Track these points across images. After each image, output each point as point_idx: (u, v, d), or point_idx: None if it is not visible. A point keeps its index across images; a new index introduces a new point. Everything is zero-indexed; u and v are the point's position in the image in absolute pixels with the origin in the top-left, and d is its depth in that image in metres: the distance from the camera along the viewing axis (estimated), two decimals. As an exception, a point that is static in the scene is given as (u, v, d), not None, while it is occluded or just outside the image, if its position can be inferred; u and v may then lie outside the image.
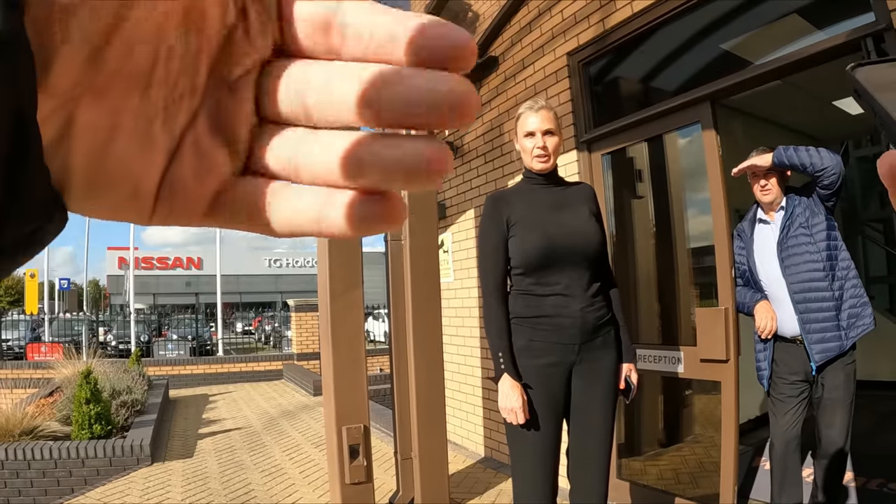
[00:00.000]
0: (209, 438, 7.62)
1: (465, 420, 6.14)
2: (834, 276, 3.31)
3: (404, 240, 4.37)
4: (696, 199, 4.20)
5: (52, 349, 16.07)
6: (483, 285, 2.72)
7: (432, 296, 4.45)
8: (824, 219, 3.34)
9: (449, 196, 6.26)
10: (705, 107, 3.69)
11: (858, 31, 2.83)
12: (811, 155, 3.22)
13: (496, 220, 2.67)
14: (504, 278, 2.67)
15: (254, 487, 5.36)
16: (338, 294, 4.04)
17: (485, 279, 2.70)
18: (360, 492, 4.06)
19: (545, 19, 4.82)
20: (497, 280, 2.65)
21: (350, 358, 4.07)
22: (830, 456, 3.34)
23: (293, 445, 7.03)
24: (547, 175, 2.68)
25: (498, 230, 2.65)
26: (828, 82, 5.15)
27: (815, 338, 3.29)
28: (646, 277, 4.57)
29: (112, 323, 24.10)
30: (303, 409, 9.65)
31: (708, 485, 3.92)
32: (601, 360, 2.63)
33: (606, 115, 4.46)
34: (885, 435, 4.85)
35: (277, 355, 15.23)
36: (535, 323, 2.59)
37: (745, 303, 3.59)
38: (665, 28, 3.99)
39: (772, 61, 3.37)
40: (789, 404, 3.44)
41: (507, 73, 5.32)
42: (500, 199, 2.74)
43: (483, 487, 4.94)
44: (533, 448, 2.57)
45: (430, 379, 4.37)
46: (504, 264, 2.65)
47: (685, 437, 4.66)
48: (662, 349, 4.08)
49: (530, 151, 2.65)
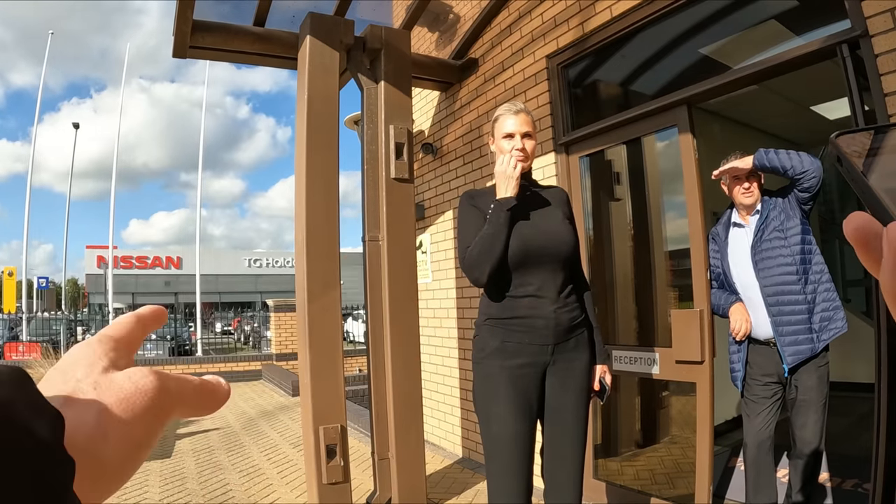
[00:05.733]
0: (187, 439, 7.57)
1: (442, 420, 6.15)
2: (807, 279, 3.34)
3: (382, 240, 4.37)
4: (673, 201, 4.23)
5: (29, 348, 15.91)
6: (460, 255, 2.70)
7: (410, 296, 4.45)
8: (799, 222, 3.37)
9: (427, 197, 6.26)
10: (682, 110, 3.72)
11: (834, 37, 2.87)
12: (791, 158, 3.25)
13: (475, 211, 2.71)
14: None
15: (232, 488, 5.33)
16: (315, 294, 4.04)
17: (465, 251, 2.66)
18: (338, 492, 4.05)
19: (525, 22, 4.84)
20: None
21: (327, 358, 4.07)
22: (804, 456, 3.37)
23: (271, 446, 7.00)
24: (522, 177, 2.69)
25: (478, 218, 2.68)
26: (805, 87, 5.21)
27: (788, 340, 3.32)
28: (622, 279, 4.60)
29: (91, 322, 23.87)
30: (281, 410, 9.62)
31: (684, 485, 3.96)
32: (575, 360, 2.66)
33: (585, 117, 4.49)
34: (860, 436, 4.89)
35: (256, 355, 15.14)
36: (508, 324, 2.61)
37: (720, 305, 3.61)
38: (644, 32, 4.02)
39: (749, 66, 3.41)
40: (762, 405, 3.47)
41: (487, 75, 5.33)
42: (477, 195, 2.78)
43: (460, 487, 4.95)
44: (507, 448, 2.58)
45: (408, 379, 4.37)
46: None
47: (661, 437, 4.70)
48: (638, 350, 4.10)
49: (509, 153, 2.67)
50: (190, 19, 4.16)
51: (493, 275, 2.58)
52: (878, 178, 0.36)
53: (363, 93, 4.53)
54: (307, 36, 4.15)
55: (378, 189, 4.44)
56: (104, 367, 0.38)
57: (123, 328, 0.44)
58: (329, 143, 4.18)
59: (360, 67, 4.51)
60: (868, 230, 0.34)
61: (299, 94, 4.24)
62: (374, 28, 4.48)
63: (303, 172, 4.09)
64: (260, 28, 4.55)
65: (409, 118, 4.59)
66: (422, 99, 6.44)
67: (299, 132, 4.20)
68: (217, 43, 4.45)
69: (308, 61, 4.15)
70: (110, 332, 0.43)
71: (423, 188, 6.31)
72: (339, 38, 4.27)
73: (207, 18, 4.36)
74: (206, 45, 4.43)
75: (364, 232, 4.44)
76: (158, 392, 0.38)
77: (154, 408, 0.38)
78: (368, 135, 4.47)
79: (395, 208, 4.41)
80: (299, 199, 4.14)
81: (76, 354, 0.39)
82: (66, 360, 0.39)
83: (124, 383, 0.37)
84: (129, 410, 0.36)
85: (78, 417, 0.34)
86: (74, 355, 0.39)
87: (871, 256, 0.34)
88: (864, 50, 2.74)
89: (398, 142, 4.43)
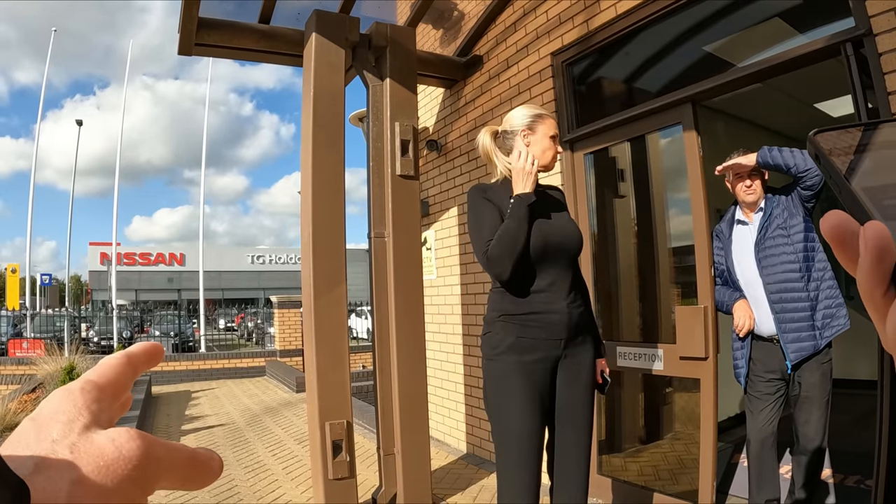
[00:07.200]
0: (192, 435, 7.61)
1: (447, 417, 6.17)
2: (810, 276, 3.35)
3: (388, 237, 4.39)
4: (678, 198, 4.25)
5: (33, 345, 15.92)
6: (479, 248, 2.71)
7: (416, 293, 4.47)
8: (802, 220, 3.38)
9: (432, 194, 6.28)
10: (687, 108, 3.74)
11: (838, 35, 2.88)
12: (795, 156, 3.25)
13: (489, 205, 2.74)
14: None
15: (237, 483, 5.36)
16: (322, 291, 4.06)
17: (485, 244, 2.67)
18: (343, 487, 4.07)
19: (530, 19, 4.85)
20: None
21: (333, 354, 4.08)
22: (807, 453, 3.39)
23: (276, 442, 7.03)
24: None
25: (494, 212, 2.71)
26: (809, 85, 5.21)
27: (791, 337, 3.34)
28: (627, 275, 4.61)
29: (94, 319, 23.93)
30: (285, 406, 9.65)
31: (687, 481, 3.97)
32: (582, 354, 2.71)
33: (589, 115, 4.50)
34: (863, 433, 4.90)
35: (260, 352, 15.15)
36: (524, 320, 2.64)
37: (724, 301, 3.63)
38: (648, 30, 4.03)
39: (753, 64, 3.42)
40: (766, 402, 3.49)
41: (492, 72, 5.35)
42: (489, 189, 2.82)
43: (465, 483, 4.97)
44: (520, 443, 2.61)
45: (413, 375, 4.39)
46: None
47: (665, 433, 4.71)
48: (642, 346, 4.12)
49: (552, 151, 2.78)
50: (195, 17, 4.18)
51: (516, 269, 2.61)
52: (857, 176, 0.37)
53: (369, 90, 4.55)
54: (313, 33, 4.16)
55: (384, 186, 4.45)
56: (84, 425, 0.35)
57: (111, 373, 0.40)
58: (335, 140, 4.20)
59: (365, 65, 4.52)
60: (845, 229, 0.35)
61: (305, 91, 4.26)
62: (380, 25, 4.49)
63: (309, 169, 4.11)
64: (265, 25, 4.57)
65: (414, 115, 4.60)
66: (426, 96, 6.45)
67: (305, 129, 4.22)
68: (222, 40, 4.47)
69: (314, 59, 4.16)
70: (95, 377, 0.39)
71: (427, 185, 6.33)
72: (345, 36, 4.28)
73: (213, 16, 4.38)
74: (212, 42, 4.45)
75: (370, 228, 4.46)
76: (144, 460, 0.34)
77: (138, 478, 0.34)
78: (374, 132, 4.48)
79: (400, 205, 4.43)
80: (306, 195, 4.16)
81: (55, 405, 0.36)
82: (44, 412, 0.35)
83: (106, 447, 0.34)
84: (109, 479, 0.33)
85: (48, 488, 0.30)
86: (53, 406, 0.36)
87: (847, 255, 0.35)
88: (867, 48, 2.75)
89: (404, 139, 4.45)
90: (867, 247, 0.32)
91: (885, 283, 0.33)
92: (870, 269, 0.32)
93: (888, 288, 0.33)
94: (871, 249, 0.32)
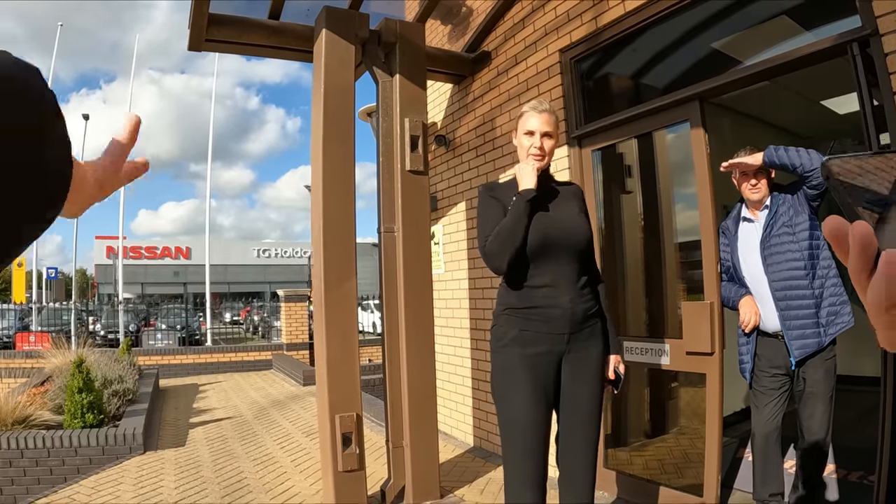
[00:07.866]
0: (200, 428, 7.67)
1: (454, 410, 6.21)
2: (815, 274, 3.38)
3: (397, 232, 4.43)
4: (684, 194, 4.27)
5: (40, 338, 16.01)
6: (480, 244, 2.81)
7: (425, 287, 4.51)
8: (807, 218, 3.40)
9: (440, 189, 6.31)
10: (694, 105, 3.76)
11: (844, 35, 2.90)
12: (801, 155, 3.27)
13: (495, 203, 2.81)
14: None
15: (246, 475, 5.41)
16: (332, 284, 4.10)
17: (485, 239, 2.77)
18: (353, 479, 4.12)
19: (538, 16, 4.88)
20: None
21: (344, 347, 4.13)
22: (811, 448, 3.41)
23: (284, 434, 7.09)
24: (540, 173, 2.77)
25: (498, 209, 2.78)
26: (816, 82, 5.22)
27: (795, 334, 3.37)
28: (634, 271, 4.65)
29: (100, 312, 24.02)
30: (293, 399, 9.71)
31: (692, 475, 4.01)
32: (589, 349, 2.74)
33: (597, 111, 4.53)
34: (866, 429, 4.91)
35: (266, 345, 15.22)
36: (526, 314, 2.69)
37: (730, 297, 3.66)
38: (656, 27, 4.05)
39: (760, 63, 3.44)
40: (770, 397, 3.52)
41: (500, 68, 5.38)
42: (496, 188, 2.90)
43: (472, 476, 5.02)
44: (524, 433, 2.66)
45: (422, 368, 4.44)
46: None
47: (671, 428, 4.74)
48: (649, 341, 4.15)
49: (527, 150, 2.79)
50: (206, 13, 4.22)
51: (513, 263, 2.66)
52: (856, 193, 0.48)
53: (378, 86, 4.59)
54: (323, 29, 4.20)
55: (393, 181, 4.50)
56: (93, 169, 0.69)
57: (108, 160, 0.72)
58: (345, 135, 4.24)
59: (375, 60, 4.56)
60: (841, 230, 0.45)
61: (315, 87, 4.29)
62: (389, 21, 4.52)
63: (320, 164, 4.15)
64: (275, 21, 4.60)
65: (423, 111, 4.64)
66: (434, 91, 6.48)
67: (315, 125, 4.26)
68: (232, 36, 4.51)
69: (324, 55, 4.20)
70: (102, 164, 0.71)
71: (435, 180, 6.36)
72: (355, 32, 4.32)
73: (223, 12, 4.41)
74: (222, 38, 4.49)
75: (379, 223, 4.50)
76: (93, 171, 0.68)
77: (97, 178, 0.68)
78: (384, 128, 4.52)
79: (410, 200, 4.47)
80: (316, 190, 4.20)
81: (88, 164, 0.69)
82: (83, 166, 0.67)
83: (85, 168, 0.66)
84: (90, 174, 0.67)
85: (78, 165, 0.61)
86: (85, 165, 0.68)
87: (843, 251, 0.45)
88: (873, 48, 2.77)
89: (413, 134, 4.48)
90: (855, 240, 0.44)
91: (869, 267, 0.43)
92: (857, 256, 0.44)
93: (871, 272, 0.43)
94: (857, 242, 0.43)
